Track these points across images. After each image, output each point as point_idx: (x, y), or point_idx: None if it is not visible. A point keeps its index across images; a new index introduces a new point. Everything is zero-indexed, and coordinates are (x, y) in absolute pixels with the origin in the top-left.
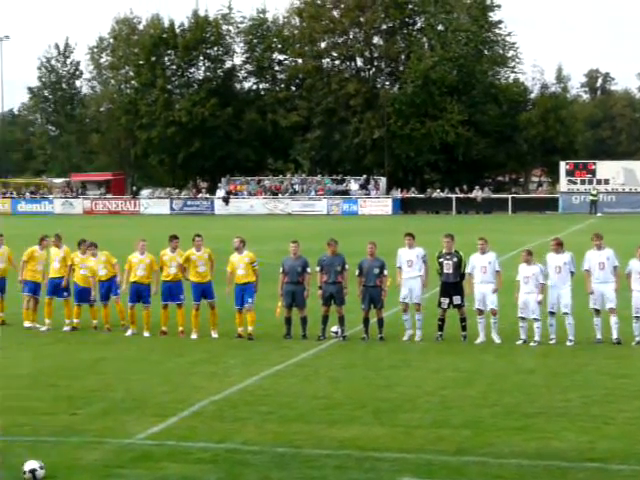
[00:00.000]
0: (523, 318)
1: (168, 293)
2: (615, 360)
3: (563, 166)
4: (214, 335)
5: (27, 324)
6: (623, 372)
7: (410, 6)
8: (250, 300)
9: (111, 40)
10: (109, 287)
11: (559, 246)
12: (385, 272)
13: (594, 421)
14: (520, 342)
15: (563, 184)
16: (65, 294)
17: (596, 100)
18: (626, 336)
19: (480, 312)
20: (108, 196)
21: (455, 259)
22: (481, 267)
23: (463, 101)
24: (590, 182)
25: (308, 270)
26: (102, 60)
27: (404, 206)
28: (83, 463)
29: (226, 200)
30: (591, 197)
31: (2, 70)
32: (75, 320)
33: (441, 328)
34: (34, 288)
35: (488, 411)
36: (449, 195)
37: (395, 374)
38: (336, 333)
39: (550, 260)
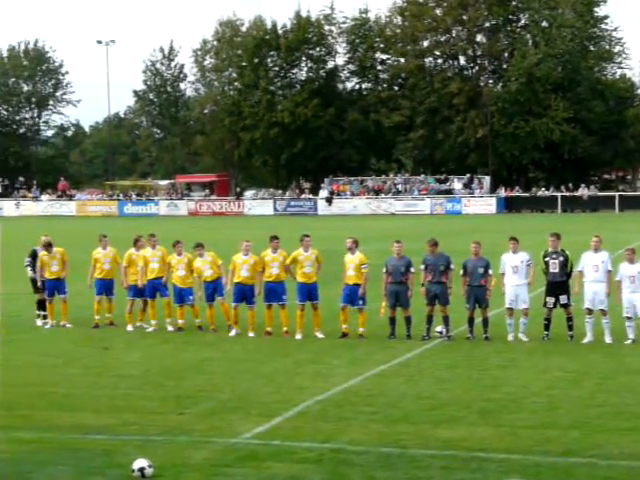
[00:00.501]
0: (629, 317)
1: (271, 293)
2: None
3: None
4: (319, 335)
5: (130, 327)
6: None
7: (514, 3)
8: (361, 302)
9: (214, 42)
10: (214, 288)
11: None
12: (490, 271)
13: None
14: (629, 342)
15: None
16: (166, 294)
17: None
18: None
19: (589, 311)
20: (212, 197)
21: (561, 258)
22: (593, 265)
23: (568, 98)
24: None
25: (412, 270)
26: (206, 62)
27: (508, 205)
28: (191, 462)
29: (329, 200)
30: None
31: (109, 74)
32: (180, 321)
33: (547, 328)
34: (139, 291)
35: (596, 411)
36: (554, 193)
37: (501, 374)
38: (441, 333)
39: None
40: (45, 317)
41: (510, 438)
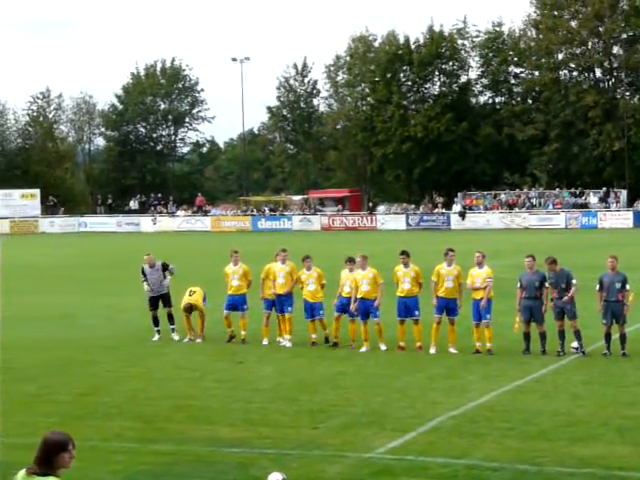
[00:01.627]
0: None
1: (403, 308)
2: None
3: None
4: (452, 350)
5: (265, 341)
6: None
7: None
8: (488, 316)
9: (347, 58)
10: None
11: None
12: (627, 286)
13: None
14: None
15: None
16: (289, 309)
17: None
18: None
19: None
20: (345, 212)
21: None
22: None
23: None
24: None
25: (546, 284)
26: (338, 78)
27: None
28: (325, 476)
29: (462, 215)
30: None
31: (243, 91)
32: (313, 335)
33: None
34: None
35: None
36: None
37: (639, 391)
38: (576, 349)
39: None
40: (159, 332)
41: None
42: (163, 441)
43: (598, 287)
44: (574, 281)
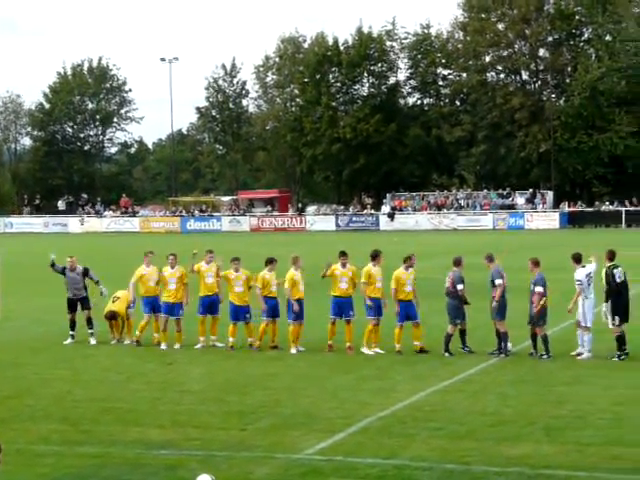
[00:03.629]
0: None
1: (339, 308)
2: None
3: None
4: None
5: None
6: None
7: (577, 17)
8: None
9: (277, 59)
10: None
11: None
12: (537, 289)
13: None
14: None
15: None
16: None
17: None
18: None
19: None
20: (274, 213)
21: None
22: None
23: (632, 112)
24: None
25: (497, 282)
26: (268, 79)
27: (571, 220)
28: (253, 477)
29: (391, 216)
30: None
31: (171, 91)
32: (231, 339)
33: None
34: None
35: None
36: (619, 208)
37: (566, 390)
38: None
39: None
40: (73, 337)
41: (576, 455)
42: (90, 444)
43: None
44: (497, 281)
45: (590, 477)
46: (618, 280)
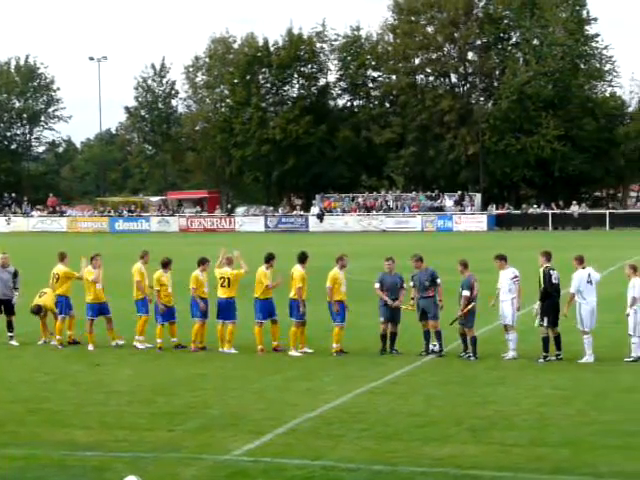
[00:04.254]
0: (630, 335)
1: (265, 310)
2: None
3: None
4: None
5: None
6: None
7: (505, 21)
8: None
9: (206, 59)
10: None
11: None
12: (464, 293)
13: None
14: (629, 359)
15: None
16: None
17: None
18: None
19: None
20: (204, 214)
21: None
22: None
23: (559, 116)
24: None
25: (404, 286)
26: (197, 79)
27: (499, 222)
28: (180, 479)
29: (320, 217)
30: None
31: (100, 90)
32: (159, 340)
33: (558, 347)
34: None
35: (587, 429)
36: (545, 211)
37: (491, 391)
38: (434, 350)
39: None
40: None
41: (500, 456)
42: (15, 445)
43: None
44: (439, 280)
45: (514, 477)
46: (554, 282)
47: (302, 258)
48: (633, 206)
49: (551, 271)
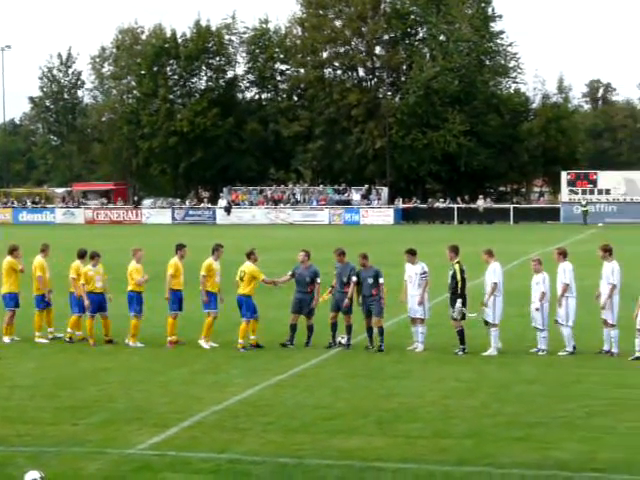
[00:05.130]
0: (537, 328)
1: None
2: (617, 370)
3: (564, 176)
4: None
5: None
6: (625, 382)
7: (412, 17)
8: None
9: (113, 50)
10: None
11: (561, 255)
12: (380, 280)
13: (595, 431)
14: (534, 350)
15: (564, 194)
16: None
17: (597, 110)
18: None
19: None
20: (110, 206)
21: (451, 271)
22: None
23: (465, 111)
24: (592, 192)
25: (318, 280)
26: (104, 70)
27: (406, 216)
28: (84, 473)
29: (228, 210)
30: (582, 208)
31: (3, 80)
32: (69, 330)
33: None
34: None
35: (490, 421)
36: (451, 205)
37: (397, 384)
38: (342, 342)
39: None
40: None
41: (405, 447)
42: None
43: (355, 280)
44: (354, 278)
45: (419, 469)
46: (465, 276)
47: (212, 249)
48: (536, 201)
49: (463, 266)
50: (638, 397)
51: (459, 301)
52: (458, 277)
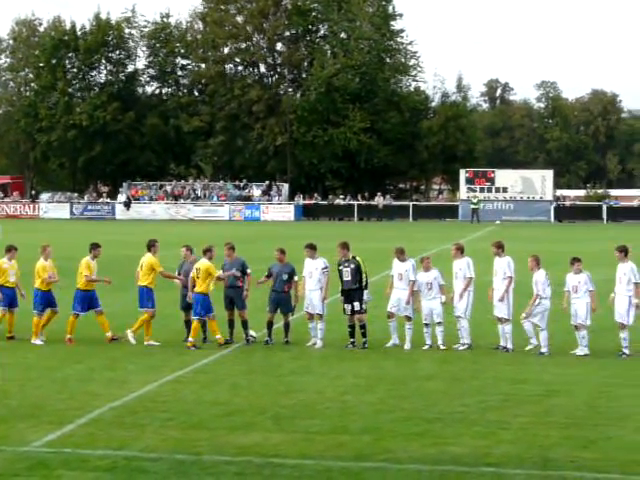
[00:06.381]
0: (427, 324)
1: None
2: (512, 366)
3: (463, 174)
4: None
5: None
6: (519, 377)
7: (313, 14)
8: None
9: (10, 41)
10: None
11: (459, 251)
12: (295, 278)
13: (490, 426)
14: (426, 347)
15: (463, 192)
16: None
17: (495, 110)
18: (520, 342)
19: (391, 315)
20: (6, 199)
21: (353, 265)
22: (397, 274)
23: (365, 109)
24: (489, 190)
25: (248, 271)
26: (1, 62)
27: (306, 213)
28: None
29: (127, 205)
30: (472, 205)
31: None
32: None
33: (352, 335)
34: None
35: (388, 417)
36: (351, 202)
37: (296, 380)
38: (251, 337)
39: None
40: None
41: (304, 443)
42: None
43: (266, 275)
44: (249, 270)
45: (316, 465)
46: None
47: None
48: (435, 198)
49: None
50: (531, 392)
51: (366, 293)
52: (363, 269)
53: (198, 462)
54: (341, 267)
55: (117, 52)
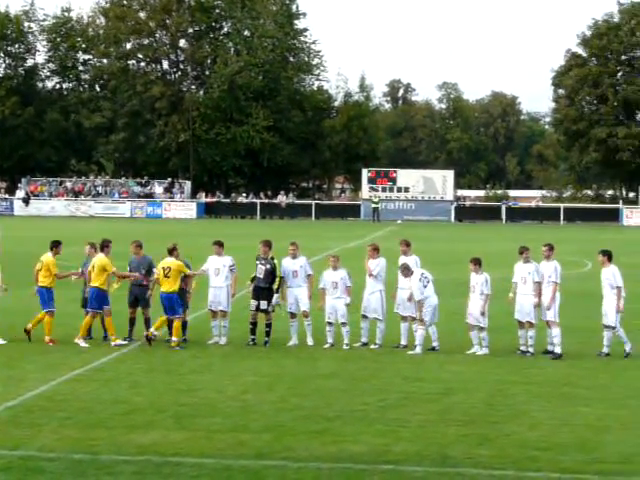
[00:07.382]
0: (330, 323)
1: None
2: (411, 365)
3: (365, 173)
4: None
5: None
6: (418, 376)
7: (217, 11)
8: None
9: None
10: None
11: (375, 251)
12: (154, 270)
13: (390, 424)
14: (327, 346)
15: (365, 191)
16: None
17: (398, 110)
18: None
19: (292, 315)
20: None
21: (268, 266)
22: (292, 271)
23: (269, 107)
24: (391, 190)
25: (154, 270)
26: None
27: (209, 210)
28: None
29: (26, 201)
30: (373, 205)
31: None
32: None
33: (253, 332)
34: None
35: (288, 415)
36: (254, 200)
37: (196, 379)
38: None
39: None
40: None
41: (204, 442)
42: None
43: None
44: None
45: (216, 463)
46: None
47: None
48: (338, 197)
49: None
50: (430, 391)
51: (276, 296)
52: (278, 273)
53: (96, 461)
54: (257, 262)
55: (16, 46)
